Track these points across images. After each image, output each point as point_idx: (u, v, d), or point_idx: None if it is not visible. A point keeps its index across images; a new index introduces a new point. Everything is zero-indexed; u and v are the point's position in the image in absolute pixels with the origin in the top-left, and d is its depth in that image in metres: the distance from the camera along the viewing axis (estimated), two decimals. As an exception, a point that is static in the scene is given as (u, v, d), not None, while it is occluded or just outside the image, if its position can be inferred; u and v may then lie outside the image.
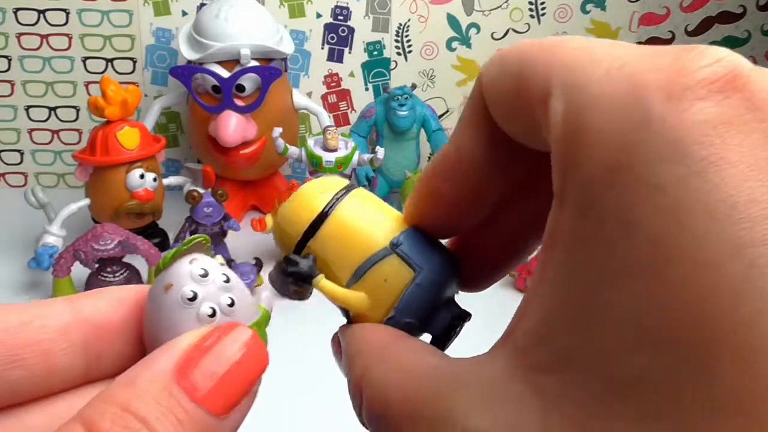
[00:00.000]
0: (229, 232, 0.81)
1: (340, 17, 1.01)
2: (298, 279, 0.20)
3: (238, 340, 0.16)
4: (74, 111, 1.03)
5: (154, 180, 0.81)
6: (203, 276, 0.17)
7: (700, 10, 1.03)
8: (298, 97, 0.95)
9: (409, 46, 1.03)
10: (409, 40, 1.03)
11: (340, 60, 1.03)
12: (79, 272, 0.70)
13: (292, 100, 0.94)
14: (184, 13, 0.99)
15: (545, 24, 1.03)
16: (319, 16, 1.01)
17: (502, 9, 1.02)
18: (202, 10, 0.89)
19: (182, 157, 1.06)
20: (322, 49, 1.03)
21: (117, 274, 0.71)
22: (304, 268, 0.20)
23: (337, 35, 1.02)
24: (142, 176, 0.79)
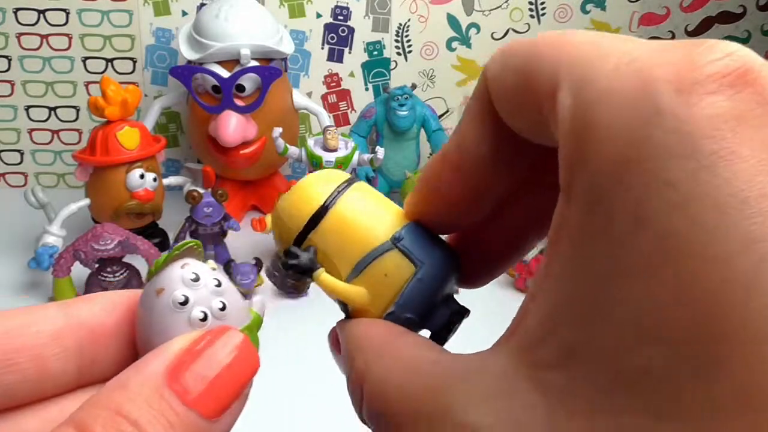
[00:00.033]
0: (229, 232, 0.82)
1: (340, 17, 1.01)
2: (299, 272, 0.20)
3: (229, 343, 0.16)
4: (74, 111, 1.03)
5: (154, 180, 0.81)
6: (194, 280, 0.17)
7: (700, 10, 1.03)
8: (298, 97, 0.95)
9: (409, 46, 1.03)
10: (409, 40, 1.03)
11: (340, 60, 1.04)
12: (79, 272, 0.70)
13: (292, 100, 0.94)
14: (184, 13, 0.99)
15: (545, 24, 1.03)
16: (319, 16, 1.01)
17: (502, 9, 1.02)
18: (202, 10, 0.89)
19: (182, 157, 1.06)
20: (322, 49, 1.03)
21: (117, 274, 0.71)
22: (305, 261, 0.20)
23: (337, 35, 1.02)
24: (142, 176, 0.79)
